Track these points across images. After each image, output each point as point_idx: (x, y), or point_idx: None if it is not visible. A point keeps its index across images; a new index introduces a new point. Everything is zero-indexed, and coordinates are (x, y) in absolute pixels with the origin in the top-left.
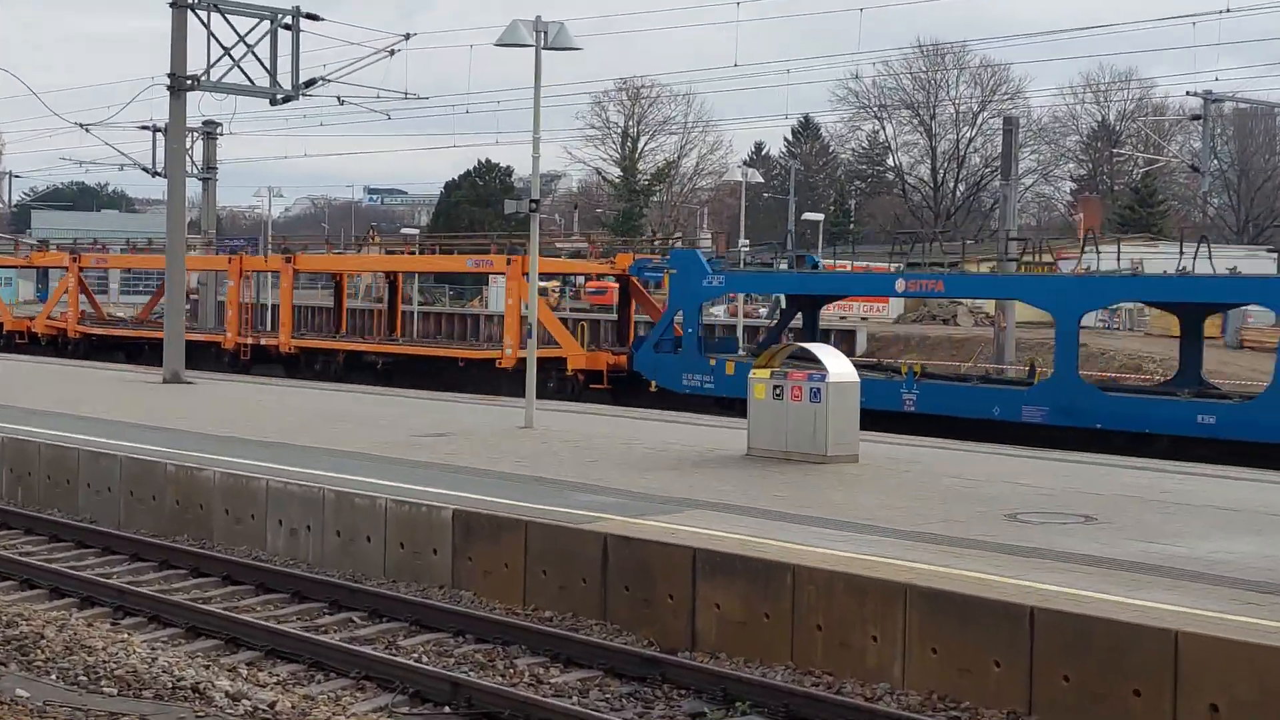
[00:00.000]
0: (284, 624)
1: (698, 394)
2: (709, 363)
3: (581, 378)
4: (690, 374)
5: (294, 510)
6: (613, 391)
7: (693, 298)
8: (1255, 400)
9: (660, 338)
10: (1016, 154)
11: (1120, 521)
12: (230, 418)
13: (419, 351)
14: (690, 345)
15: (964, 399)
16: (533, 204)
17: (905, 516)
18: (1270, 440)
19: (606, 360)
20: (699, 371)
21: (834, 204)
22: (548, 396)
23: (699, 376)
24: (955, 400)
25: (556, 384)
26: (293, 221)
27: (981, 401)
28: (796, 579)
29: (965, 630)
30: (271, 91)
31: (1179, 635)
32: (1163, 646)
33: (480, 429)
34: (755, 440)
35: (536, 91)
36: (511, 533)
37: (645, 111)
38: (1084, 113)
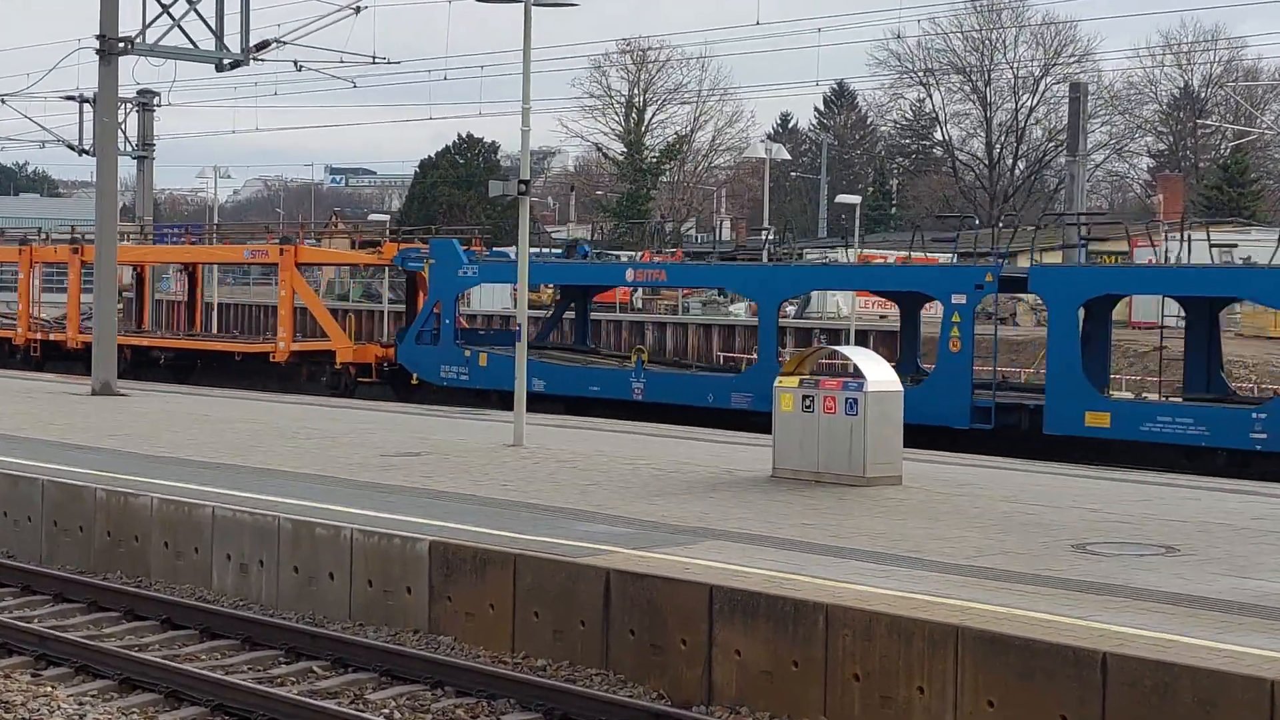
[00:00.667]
0: (233, 675)
1: (455, 386)
2: (464, 354)
3: (352, 371)
4: (447, 366)
5: (244, 542)
6: (385, 385)
7: (450, 288)
8: None
9: (421, 329)
10: (1085, 126)
11: (1207, 553)
12: (169, 434)
13: (196, 346)
14: (447, 337)
15: (685, 387)
16: (522, 185)
17: (956, 547)
18: None
19: (375, 353)
20: (455, 363)
21: (873, 184)
22: (319, 392)
23: (455, 368)
24: (677, 389)
25: (329, 378)
26: (242, 206)
27: (699, 389)
28: (830, 621)
29: (1027, 680)
30: (217, 56)
31: (1275, 685)
32: (1257, 698)
33: (460, 447)
34: (782, 460)
35: (526, 54)
36: (498, 568)
37: (653, 78)
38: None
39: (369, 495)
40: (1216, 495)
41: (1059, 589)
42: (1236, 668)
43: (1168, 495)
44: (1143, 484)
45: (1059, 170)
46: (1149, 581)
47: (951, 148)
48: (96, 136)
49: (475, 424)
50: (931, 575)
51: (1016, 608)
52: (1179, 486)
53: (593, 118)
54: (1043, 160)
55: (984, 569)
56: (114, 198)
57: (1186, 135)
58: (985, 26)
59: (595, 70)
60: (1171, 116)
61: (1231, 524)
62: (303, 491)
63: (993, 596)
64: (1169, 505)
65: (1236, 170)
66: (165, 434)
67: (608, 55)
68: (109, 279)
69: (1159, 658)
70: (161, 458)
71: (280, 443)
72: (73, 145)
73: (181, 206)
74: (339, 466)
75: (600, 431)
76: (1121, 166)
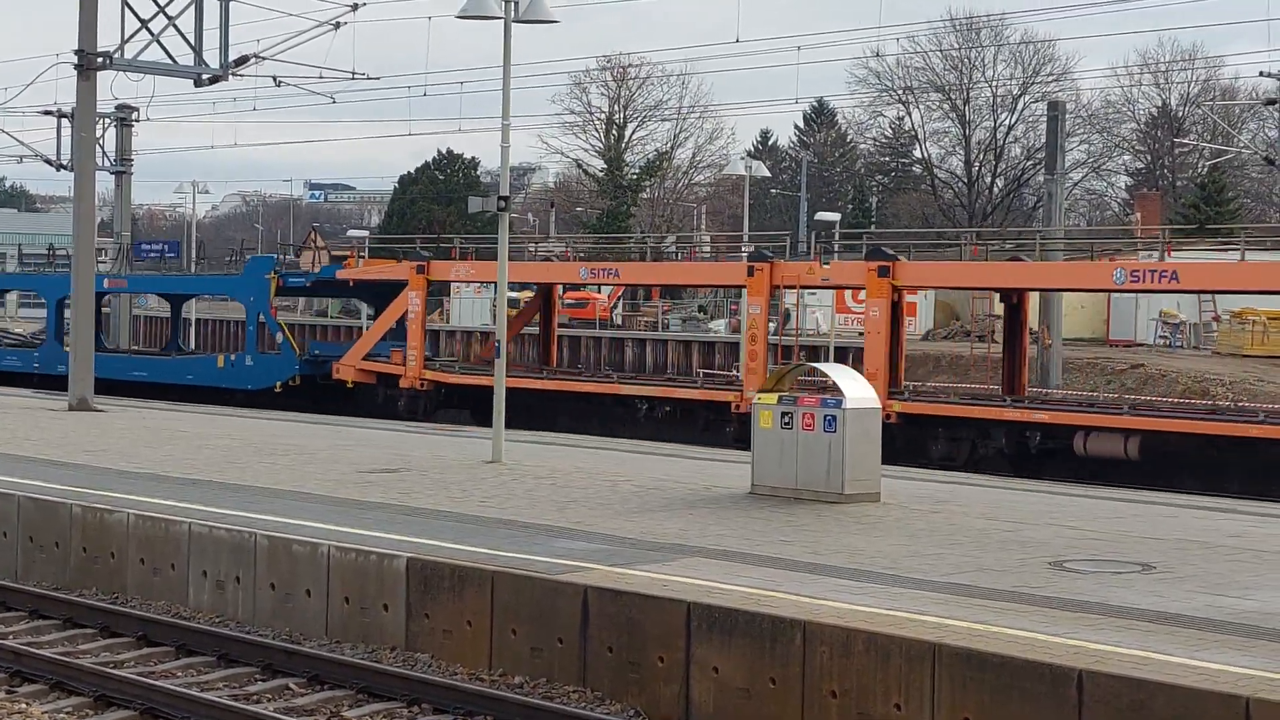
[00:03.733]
0: (209, 692)
1: None
2: None
3: None
4: None
5: (221, 559)
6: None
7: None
8: None
9: None
10: (1063, 144)
11: (1183, 570)
12: (146, 450)
13: None
14: None
15: None
16: (502, 201)
17: (934, 565)
18: None
19: None
20: None
21: (852, 201)
22: None
23: None
24: None
25: None
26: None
27: None
28: (808, 638)
29: (1004, 697)
30: (196, 71)
31: (1250, 703)
32: (1232, 715)
33: (438, 464)
34: (760, 476)
35: (506, 71)
36: (476, 586)
37: (633, 94)
38: (1141, 96)
39: (346, 512)
40: (1193, 513)
41: (1036, 606)
42: (1212, 685)
43: (1144, 513)
44: (1120, 501)
45: (1037, 188)
46: (1125, 599)
47: (930, 166)
48: (75, 151)
49: (454, 441)
50: (909, 592)
51: (994, 625)
52: (1156, 504)
53: (573, 134)
54: (1021, 178)
55: (961, 586)
56: (92, 213)
57: (1164, 154)
58: (964, 45)
59: (575, 87)
60: (1149, 135)
61: (1207, 541)
62: (279, 508)
63: (970, 614)
64: (1145, 523)
65: (1214, 189)
66: (142, 450)
67: (588, 72)
68: (87, 295)
69: (1135, 675)
70: (138, 473)
71: (257, 459)
72: (51, 160)
73: (160, 222)
74: (316, 483)
75: (579, 448)
76: (1099, 185)
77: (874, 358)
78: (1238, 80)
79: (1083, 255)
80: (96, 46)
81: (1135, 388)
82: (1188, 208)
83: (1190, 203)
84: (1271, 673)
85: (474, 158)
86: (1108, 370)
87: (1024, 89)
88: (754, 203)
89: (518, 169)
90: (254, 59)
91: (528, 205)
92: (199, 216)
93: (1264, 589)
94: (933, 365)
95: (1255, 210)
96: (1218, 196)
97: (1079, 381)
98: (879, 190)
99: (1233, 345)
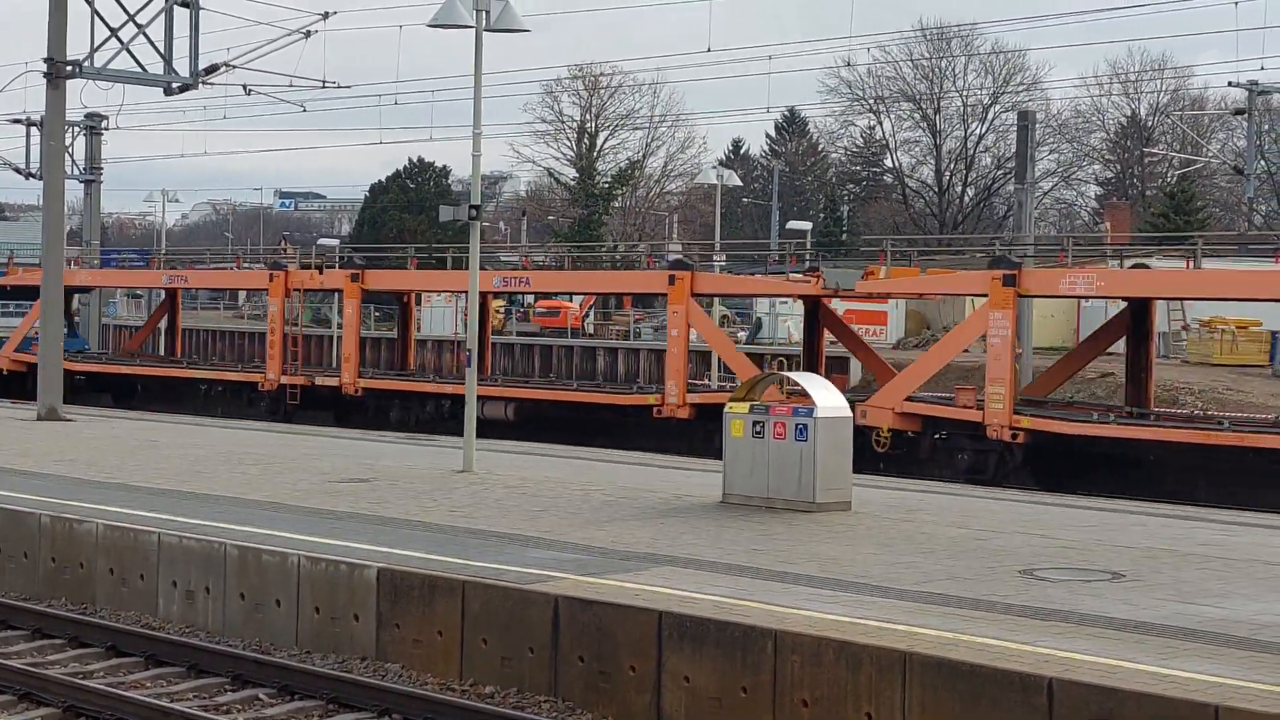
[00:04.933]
0: (178, 703)
1: None
2: None
3: None
4: None
5: (190, 569)
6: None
7: None
8: None
9: None
10: (1033, 154)
11: (1153, 579)
12: (115, 460)
13: None
14: None
15: None
16: (473, 210)
17: (905, 573)
18: None
19: None
20: None
21: (824, 210)
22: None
23: None
24: None
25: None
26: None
27: None
28: (779, 647)
29: (974, 705)
30: (166, 79)
31: (1219, 711)
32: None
33: (409, 473)
34: (732, 485)
35: (477, 79)
36: (446, 595)
37: (605, 103)
38: (1111, 106)
39: (316, 521)
40: (1162, 521)
41: (1006, 614)
42: (1181, 693)
43: (1114, 521)
44: (1090, 510)
45: (1007, 198)
46: (1095, 607)
47: (901, 175)
48: (44, 160)
49: (424, 450)
50: (880, 601)
51: (964, 633)
52: (1126, 513)
53: (544, 143)
54: (991, 188)
55: (932, 594)
56: (61, 221)
57: (1133, 163)
58: (935, 55)
59: (547, 95)
60: (1119, 145)
61: (1177, 550)
62: (249, 518)
63: (941, 622)
64: (1115, 531)
65: (1183, 198)
66: (111, 459)
67: (560, 80)
68: (55, 303)
69: (1105, 683)
70: (107, 483)
71: (226, 468)
72: (19, 169)
73: (129, 230)
74: (286, 492)
75: (550, 457)
76: (1069, 194)
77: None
78: (1207, 90)
79: None
80: (66, 55)
81: (1105, 396)
82: (1157, 217)
83: (1159, 212)
84: (1241, 680)
85: (445, 166)
86: (1078, 379)
87: (994, 99)
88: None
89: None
90: (224, 67)
91: (499, 214)
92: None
93: (1233, 597)
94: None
95: (1224, 220)
96: (1187, 206)
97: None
98: (850, 199)
99: (1201, 354)
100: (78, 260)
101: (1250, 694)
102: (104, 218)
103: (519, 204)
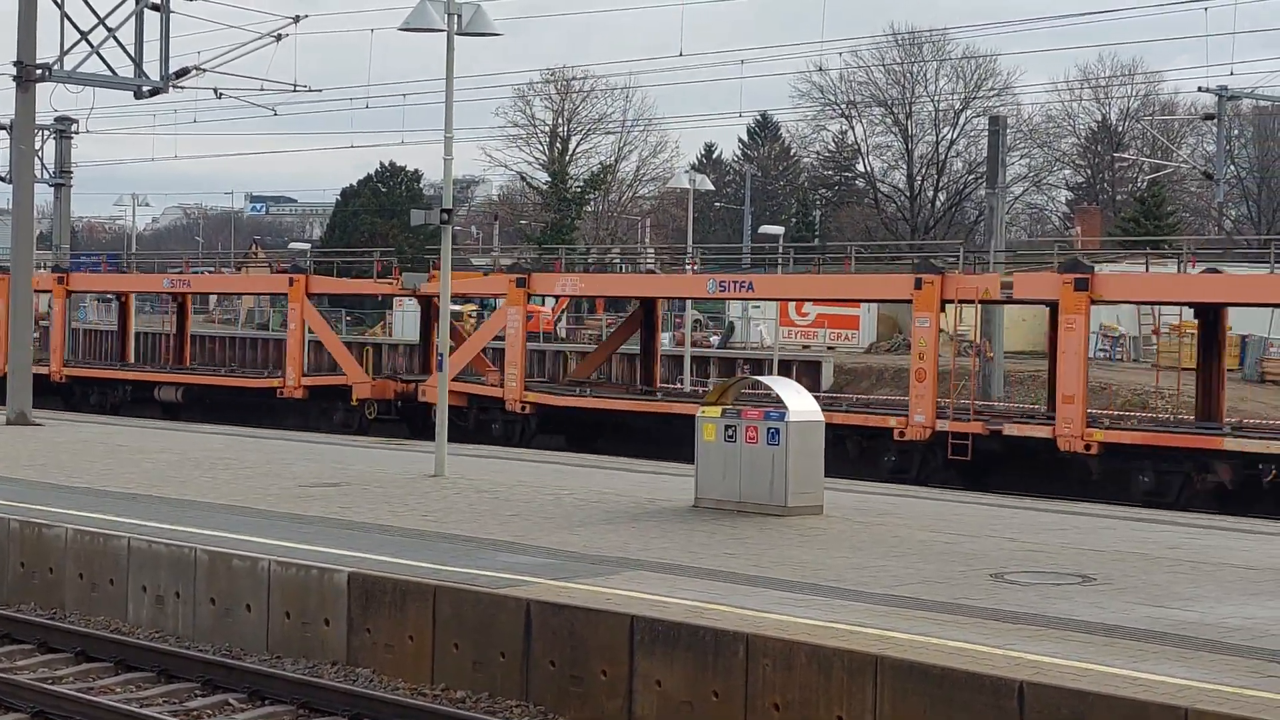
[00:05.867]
0: (148, 708)
1: None
2: None
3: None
4: None
5: (160, 574)
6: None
7: None
8: None
9: None
10: (1004, 158)
11: (1123, 582)
12: (85, 464)
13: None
14: None
15: None
16: (445, 214)
17: (876, 577)
18: None
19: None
20: None
21: (796, 215)
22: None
23: None
24: None
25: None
26: (162, 234)
27: None
28: (750, 651)
29: (945, 708)
30: (136, 83)
31: (1189, 714)
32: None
33: (380, 478)
34: (704, 490)
35: (449, 83)
36: (418, 600)
37: (577, 107)
38: (1081, 111)
39: (287, 526)
40: (1132, 525)
41: (977, 618)
42: (1152, 696)
43: (1084, 525)
44: (1060, 514)
45: (979, 202)
46: (1065, 610)
47: (873, 179)
48: (13, 164)
49: (395, 455)
50: (851, 605)
51: (935, 637)
52: (1096, 516)
53: (516, 147)
54: (963, 192)
55: (903, 598)
56: (30, 225)
57: (1104, 168)
58: (906, 60)
59: (519, 100)
60: (1089, 150)
61: (1147, 553)
62: (220, 522)
63: (912, 626)
64: (1085, 535)
65: (1153, 203)
66: (81, 464)
67: (532, 85)
68: (25, 308)
69: (1075, 686)
70: (77, 488)
71: (197, 473)
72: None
73: (99, 234)
74: (257, 497)
75: (522, 462)
76: (1040, 199)
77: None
78: (1177, 95)
79: None
80: (35, 58)
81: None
82: (1127, 221)
83: (1130, 217)
84: (1210, 683)
85: (417, 170)
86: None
87: (966, 103)
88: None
89: (461, 182)
90: (195, 71)
91: (471, 218)
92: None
93: (1202, 600)
94: (875, 378)
95: (1194, 224)
96: (1157, 211)
97: (1022, 395)
98: (822, 204)
99: (1171, 358)
100: None
101: (1220, 697)
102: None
103: (491, 208)
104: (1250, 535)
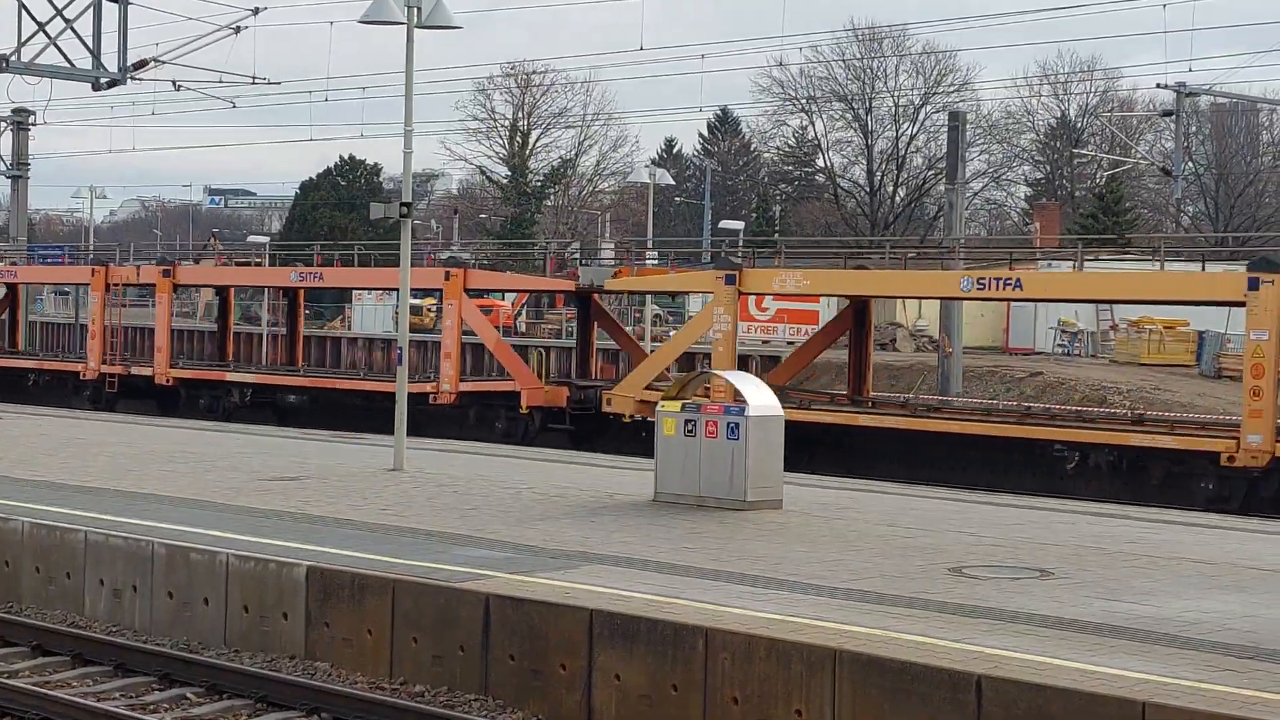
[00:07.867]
0: (104, 702)
1: None
2: None
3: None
4: None
5: (118, 567)
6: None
7: None
8: None
9: None
10: (963, 154)
11: (1080, 576)
12: (42, 458)
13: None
14: None
15: None
16: (404, 208)
17: (835, 571)
18: None
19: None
20: None
21: (756, 210)
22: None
23: None
24: None
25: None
26: (119, 227)
27: None
28: (709, 644)
29: (904, 702)
30: (94, 74)
31: (1146, 707)
32: (1129, 719)
33: (339, 471)
34: (664, 484)
35: (408, 76)
36: (376, 594)
37: (537, 101)
38: (1040, 107)
39: (245, 520)
40: (1090, 519)
41: (935, 612)
42: (1109, 690)
43: (1042, 519)
44: (1019, 508)
45: (938, 198)
46: (1023, 604)
47: (833, 175)
48: None
49: (354, 449)
50: (810, 598)
51: (894, 630)
52: (1054, 510)
53: (477, 141)
54: (922, 188)
55: (862, 592)
56: None
57: (1063, 164)
58: (866, 55)
59: (479, 93)
60: (1048, 146)
61: (1104, 548)
62: (177, 516)
63: (870, 619)
64: (1044, 529)
65: (1111, 199)
66: (38, 457)
67: (492, 78)
68: None
69: (1033, 680)
70: (34, 481)
71: (155, 467)
72: None
73: (57, 227)
74: (215, 491)
75: (482, 456)
76: (999, 195)
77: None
78: (1136, 92)
79: None
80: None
81: (1035, 396)
82: (1086, 218)
83: (1089, 213)
84: (1167, 678)
85: (376, 164)
86: (1007, 378)
87: (925, 99)
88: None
89: (421, 175)
90: (153, 63)
91: (431, 212)
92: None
93: (1159, 594)
94: (835, 374)
95: (1152, 220)
96: (1115, 207)
97: (979, 390)
98: (783, 199)
99: (1129, 354)
100: None
101: (1176, 690)
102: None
103: (451, 202)
104: (1207, 530)
